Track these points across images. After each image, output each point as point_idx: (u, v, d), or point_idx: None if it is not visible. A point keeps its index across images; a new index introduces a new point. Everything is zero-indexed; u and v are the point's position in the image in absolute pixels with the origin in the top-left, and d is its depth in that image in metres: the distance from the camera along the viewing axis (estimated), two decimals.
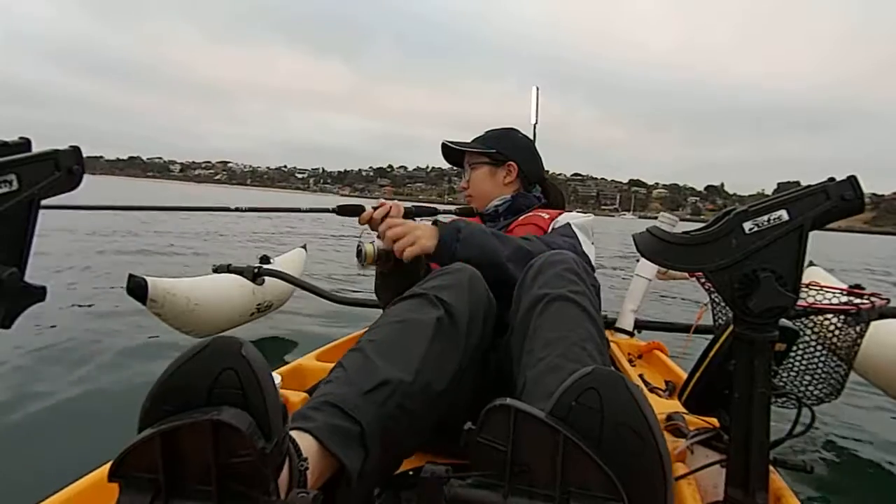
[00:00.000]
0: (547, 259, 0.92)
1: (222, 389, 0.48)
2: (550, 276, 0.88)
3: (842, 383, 1.09)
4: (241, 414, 0.47)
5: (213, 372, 0.48)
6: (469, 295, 0.89)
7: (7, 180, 0.55)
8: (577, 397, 0.53)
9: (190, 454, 0.47)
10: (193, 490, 0.48)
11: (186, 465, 0.47)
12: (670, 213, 1.87)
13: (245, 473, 0.47)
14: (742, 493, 0.64)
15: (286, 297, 2.55)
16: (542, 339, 0.80)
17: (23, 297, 0.56)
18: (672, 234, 0.64)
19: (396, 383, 0.73)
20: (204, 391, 0.48)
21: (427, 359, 0.78)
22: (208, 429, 0.46)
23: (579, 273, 0.90)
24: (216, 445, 0.46)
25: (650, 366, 1.69)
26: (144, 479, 0.48)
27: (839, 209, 0.61)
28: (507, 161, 1.39)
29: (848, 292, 1.14)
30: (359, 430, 0.66)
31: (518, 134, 1.47)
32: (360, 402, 0.69)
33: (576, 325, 0.82)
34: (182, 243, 6.24)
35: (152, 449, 0.47)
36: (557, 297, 0.84)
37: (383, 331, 0.82)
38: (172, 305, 1.88)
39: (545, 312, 0.84)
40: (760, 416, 0.64)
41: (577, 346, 0.78)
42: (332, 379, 0.74)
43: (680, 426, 1.01)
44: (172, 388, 0.49)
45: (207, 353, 0.49)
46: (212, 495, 0.47)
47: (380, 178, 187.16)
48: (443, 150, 1.46)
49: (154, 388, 0.49)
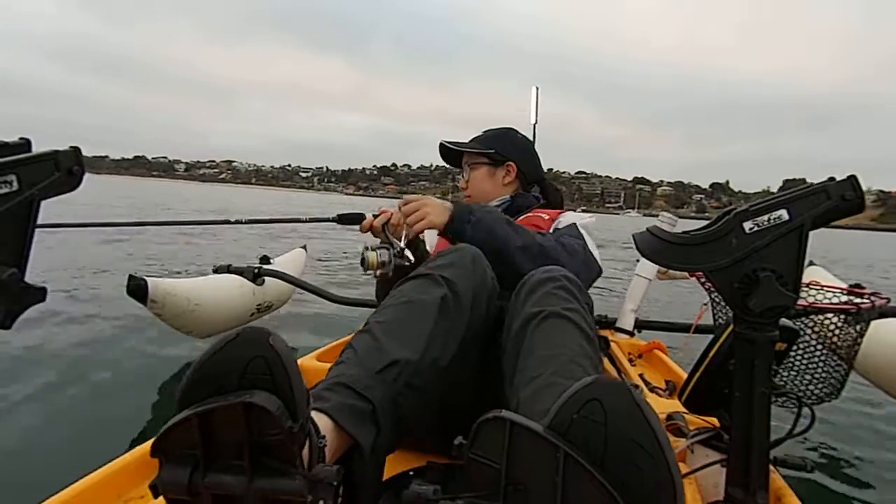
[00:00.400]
0: (539, 277, 0.90)
1: (253, 375, 0.52)
2: (543, 295, 0.86)
3: (842, 383, 1.09)
4: (270, 397, 0.51)
5: (245, 359, 0.52)
6: (472, 273, 0.92)
7: (7, 181, 0.55)
8: (579, 410, 0.50)
9: (224, 432, 0.52)
10: (227, 464, 0.52)
11: (221, 443, 0.52)
12: (671, 212, 1.87)
13: (274, 450, 0.51)
14: (742, 493, 0.65)
15: (286, 297, 2.55)
16: (536, 357, 0.78)
17: (23, 297, 0.56)
18: (672, 234, 0.64)
19: (404, 362, 0.77)
20: (236, 376, 0.52)
21: (433, 337, 0.82)
22: (241, 410, 0.50)
23: (572, 291, 0.88)
24: (248, 425, 0.51)
25: (650, 365, 1.69)
26: (184, 454, 0.52)
27: (839, 209, 0.61)
28: (507, 161, 1.39)
29: (848, 291, 1.14)
30: (370, 408, 0.70)
31: (517, 134, 1.47)
32: (370, 382, 0.72)
33: (570, 342, 0.80)
34: (188, 241, 6.24)
35: (191, 428, 0.51)
36: (551, 314, 0.83)
37: (390, 312, 0.85)
38: (173, 306, 1.88)
39: (538, 330, 0.82)
40: (761, 415, 0.64)
41: (573, 362, 0.76)
42: (343, 360, 0.77)
43: (680, 426, 1.01)
44: (207, 374, 0.53)
45: (239, 342, 0.53)
46: (245, 469, 0.52)
47: (383, 177, 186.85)
48: (441, 150, 1.45)
49: (190, 373, 0.53)
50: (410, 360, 0.78)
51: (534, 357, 0.78)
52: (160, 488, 0.53)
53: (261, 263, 2.32)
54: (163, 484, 0.53)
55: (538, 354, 0.78)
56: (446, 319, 0.85)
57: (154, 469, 0.53)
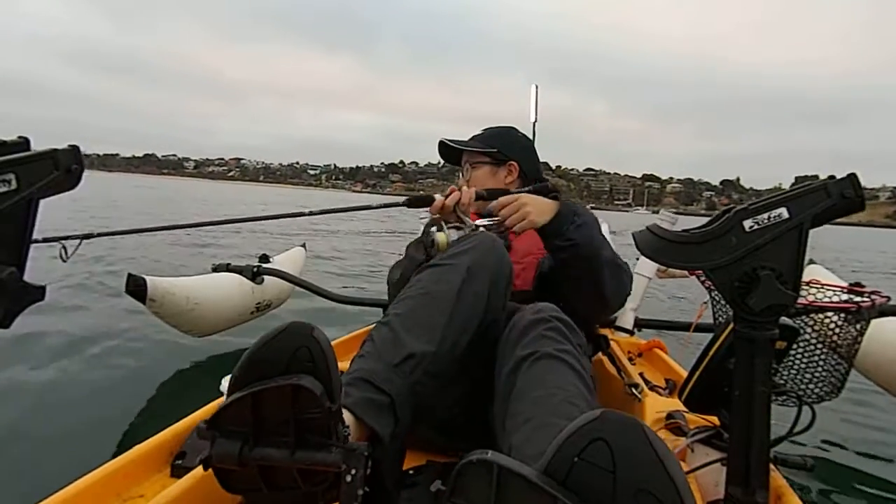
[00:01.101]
0: (529, 319, 0.87)
1: (298, 362, 0.59)
2: (534, 337, 0.84)
3: (842, 381, 1.09)
4: (314, 381, 0.58)
5: (291, 349, 0.59)
6: (491, 260, 0.93)
7: (6, 180, 0.54)
8: (581, 452, 0.42)
9: (273, 410, 0.59)
10: (272, 439, 0.59)
11: (269, 420, 0.59)
12: (675, 210, 1.87)
13: (315, 427, 0.59)
14: (742, 492, 0.64)
15: (286, 296, 2.55)
16: (528, 399, 0.75)
17: (22, 296, 0.56)
18: (672, 233, 0.64)
19: (421, 355, 0.79)
20: (283, 364, 0.59)
21: (450, 327, 0.84)
22: (290, 391, 0.57)
23: (564, 332, 0.85)
24: (294, 404, 0.58)
25: (650, 364, 1.69)
26: (236, 430, 0.59)
27: (839, 207, 0.61)
28: (509, 160, 1.38)
29: (848, 290, 1.14)
30: (389, 400, 0.74)
31: (518, 133, 1.46)
32: (389, 376, 0.76)
33: (564, 383, 0.77)
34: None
35: (244, 406, 0.58)
36: (543, 355, 0.80)
37: (409, 304, 0.87)
38: (172, 305, 1.88)
39: (530, 372, 0.79)
40: (761, 414, 0.63)
41: (569, 402, 0.73)
42: (363, 353, 0.80)
43: (680, 424, 1.01)
44: (258, 361, 0.59)
45: (287, 334, 0.60)
46: (289, 443, 0.59)
47: (391, 175, 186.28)
48: (440, 148, 1.43)
49: (244, 359, 0.60)
50: (427, 352, 0.80)
51: (526, 399, 0.75)
52: (214, 459, 0.60)
53: (260, 262, 2.31)
54: (217, 456, 0.59)
55: (530, 396, 0.75)
56: (463, 309, 0.86)
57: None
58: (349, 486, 0.58)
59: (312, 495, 0.62)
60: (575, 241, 1.04)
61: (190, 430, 0.94)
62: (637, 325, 1.96)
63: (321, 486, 0.61)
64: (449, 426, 1.02)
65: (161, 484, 0.84)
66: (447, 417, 1.00)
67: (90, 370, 2.02)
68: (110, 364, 2.10)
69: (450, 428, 1.02)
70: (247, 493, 0.64)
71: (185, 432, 0.94)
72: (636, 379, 1.34)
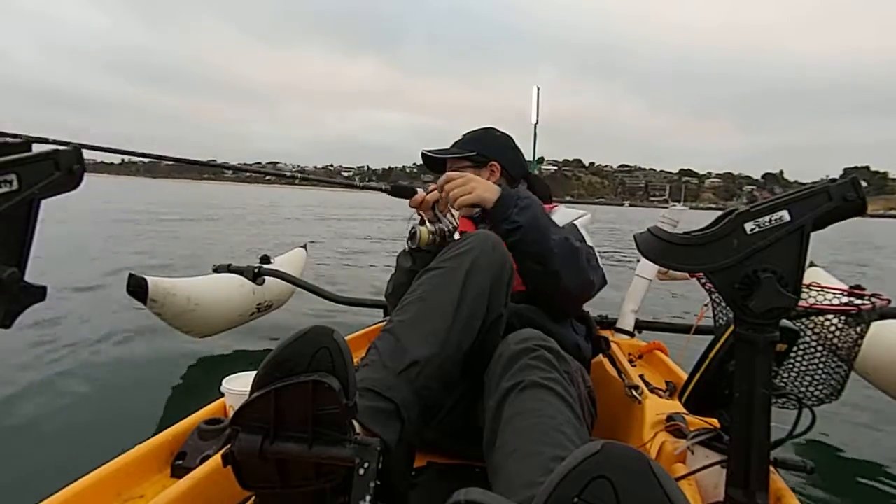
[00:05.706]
0: (514, 349, 0.85)
1: (318, 362, 0.63)
2: (519, 368, 0.82)
3: (842, 384, 1.09)
4: (333, 378, 0.62)
5: (313, 350, 0.63)
6: (492, 260, 0.93)
7: (7, 180, 0.54)
8: (581, 492, 0.37)
9: (293, 407, 0.63)
10: (291, 435, 0.63)
11: (288, 416, 0.63)
12: (676, 208, 1.86)
13: (331, 421, 0.63)
14: (742, 494, 0.64)
15: (286, 297, 2.55)
16: (515, 429, 0.73)
17: (23, 296, 0.56)
18: (673, 235, 0.64)
19: (425, 361, 0.82)
20: (305, 363, 0.63)
21: (452, 330, 0.86)
22: (310, 386, 0.61)
23: (550, 360, 0.83)
24: (314, 399, 0.62)
25: (651, 366, 1.69)
26: (257, 425, 0.63)
27: (841, 210, 0.61)
28: (490, 161, 1.38)
29: (849, 293, 1.14)
30: (394, 407, 0.77)
31: (496, 132, 1.45)
32: (393, 383, 0.79)
33: (551, 410, 0.75)
34: None
35: (266, 402, 0.62)
36: (529, 384, 0.78)
37: (411, 310, 0.89)
38: (173, 305, 1.88)
39: (516, 402, 0.77)
40: (761, 416, 0.63)
41: (557, 430, 0.71)
42: (368, 362, 0.83)
43: (680, 427, 1.01)
44: (282, 360, 0.63)
45: (309, 337, 0.64)
46: (307, 438, 0.63)
47: (423, 175, 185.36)
48: (424, 159, 1.43)
49: (268, 359, 0.64)
50: (430, 357, 0.82)
51: (513, 429, 0.74)
52: (236, 453, 0.63)
53: (261, 263, 2.32)
54: (239, 450, 0.63)
55: (517, 426, 0.74)
56: (465, 311, 0.88)
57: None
58: (362, 479, 0.61)
59: (321, 493, 0.65)
60: (519, 224, 1.04)
61: (190, 430, 0.94)
62: (638, 327, 1.96)
63: (331, 483, 0.64)
64: (450, 428, 1.02)
65: (161, 484, 0.84)
66: (448, 419, 1.00)
67: (90, 370, 2.02)
68: (110, 364, 2.10)
69: (451, 429, 1.02)
70: (260, 490, 0.67)
71: (185, 432, 0.94)
72: (636, 381, 1.34)
